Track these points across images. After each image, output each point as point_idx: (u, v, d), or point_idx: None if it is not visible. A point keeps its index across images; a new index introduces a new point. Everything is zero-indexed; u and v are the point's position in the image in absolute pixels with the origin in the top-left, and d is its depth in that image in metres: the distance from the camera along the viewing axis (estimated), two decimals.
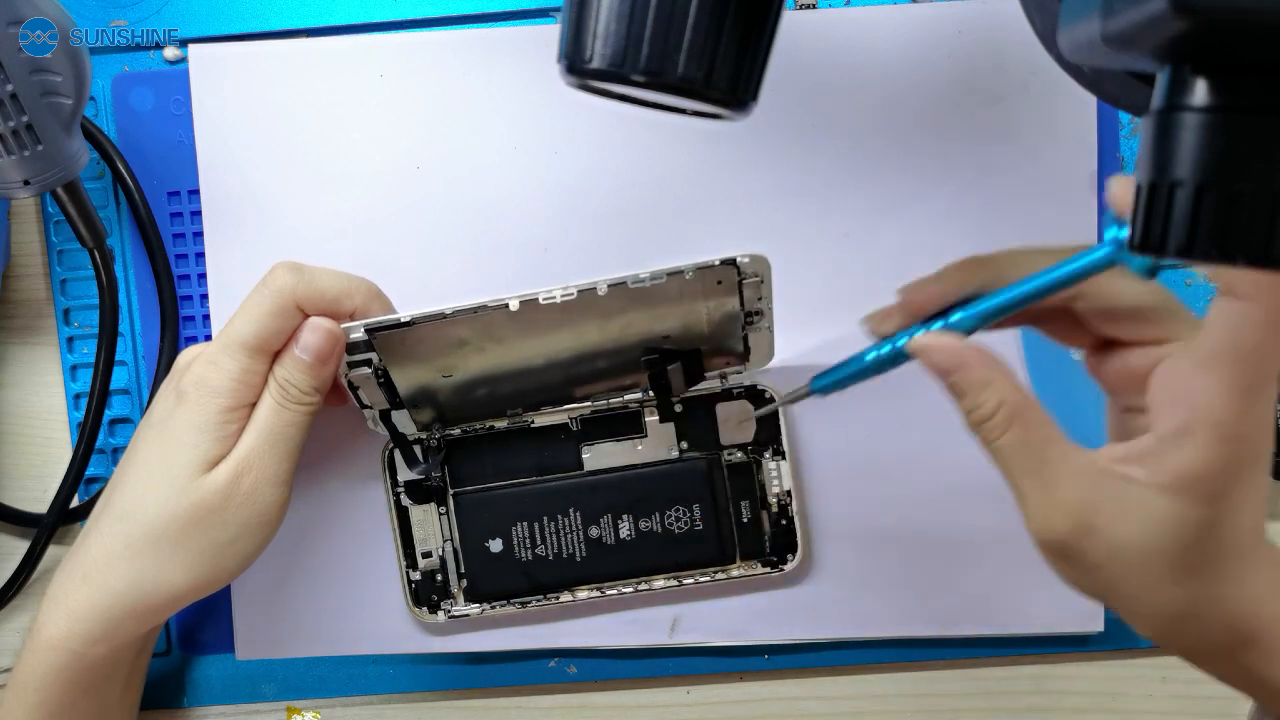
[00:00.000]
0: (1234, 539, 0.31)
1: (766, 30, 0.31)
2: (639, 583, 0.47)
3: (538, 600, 0.47)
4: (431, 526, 0.47)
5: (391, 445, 0.46)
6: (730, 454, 0.46)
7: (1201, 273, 0.47)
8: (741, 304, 0.42)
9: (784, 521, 0.46)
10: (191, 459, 0.39)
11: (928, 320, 0.35)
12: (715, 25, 0.29)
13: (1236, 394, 0.29)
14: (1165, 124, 0.24)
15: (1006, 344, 0.46)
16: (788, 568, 0.47)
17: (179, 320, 0.47)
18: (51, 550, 0.48)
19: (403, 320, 0.40)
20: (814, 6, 0.46)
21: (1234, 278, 0.30)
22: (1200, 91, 0.23)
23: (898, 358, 0.35)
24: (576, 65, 0.30)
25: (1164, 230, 0.24)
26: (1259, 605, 0.31)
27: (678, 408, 0.46)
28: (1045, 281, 0.33)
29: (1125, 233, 0.29)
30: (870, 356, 0.36)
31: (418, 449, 0.46)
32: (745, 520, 0.47)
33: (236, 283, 0.46)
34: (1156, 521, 0.30)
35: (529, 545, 0.46)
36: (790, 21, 0.45)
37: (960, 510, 0.47)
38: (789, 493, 0.46)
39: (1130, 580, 0.31)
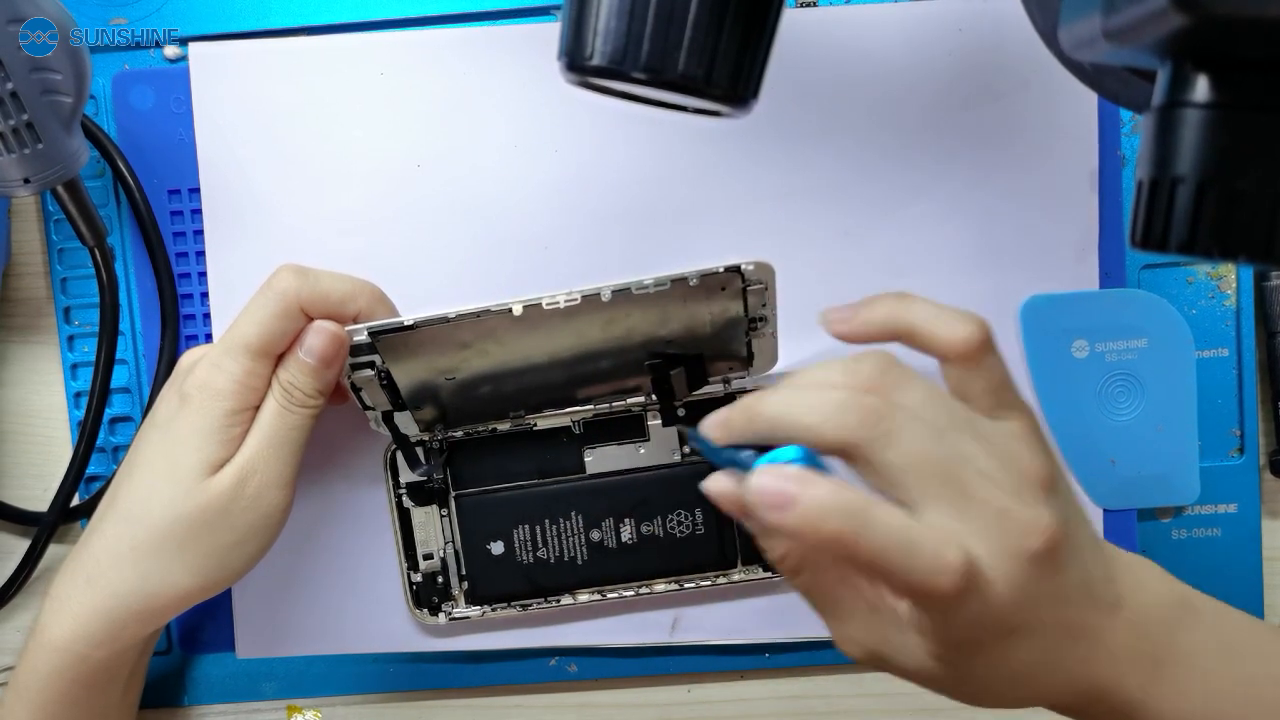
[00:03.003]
0: (1015, 665, 0.33)
1: (767, 28, 0.31)
2: (640, 586, 0.47)
3: (539, 603, 0.47)
4: (433, 528, 0.47)
5: (394, 447, 0.46)
6: None
7: (1203, 270, 0.47)
8: (745, 310, 0.42)
9: None
10: (196, 462, 0.39)
11: (738, 446, 0.34)
12: (716, 23, 0.29)
13: (941, 625, 0.32)
14: (1166, 120, 0.24)
15: (1007, 341, 0.46)
16: None
17: (179, 319, 0.47)
18: (52, 549, 0.48)
19: (406, 323, 0.40)
20: (814, 4, 0.46)
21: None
22: (1201, 88, 0.23)
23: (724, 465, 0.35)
24: (577, 63, 0.30)
25: (1165, 227, 0.24)
26: (1099, 678, 0.33)
27: (680, 412, 0.46)
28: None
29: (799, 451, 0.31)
30: (705, 450, 0.36)
31: (420, 451, 0.46)
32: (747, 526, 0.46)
33: (237, 281, 0.46)
34: (929, 666, 0.33)
35: (530, 548, 0.46)
36: (790, 19, 0.45)
37: None
38: None
39: (934, 689, 0.34)
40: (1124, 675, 0.34)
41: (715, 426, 0.35)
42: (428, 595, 0.47)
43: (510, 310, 0.40)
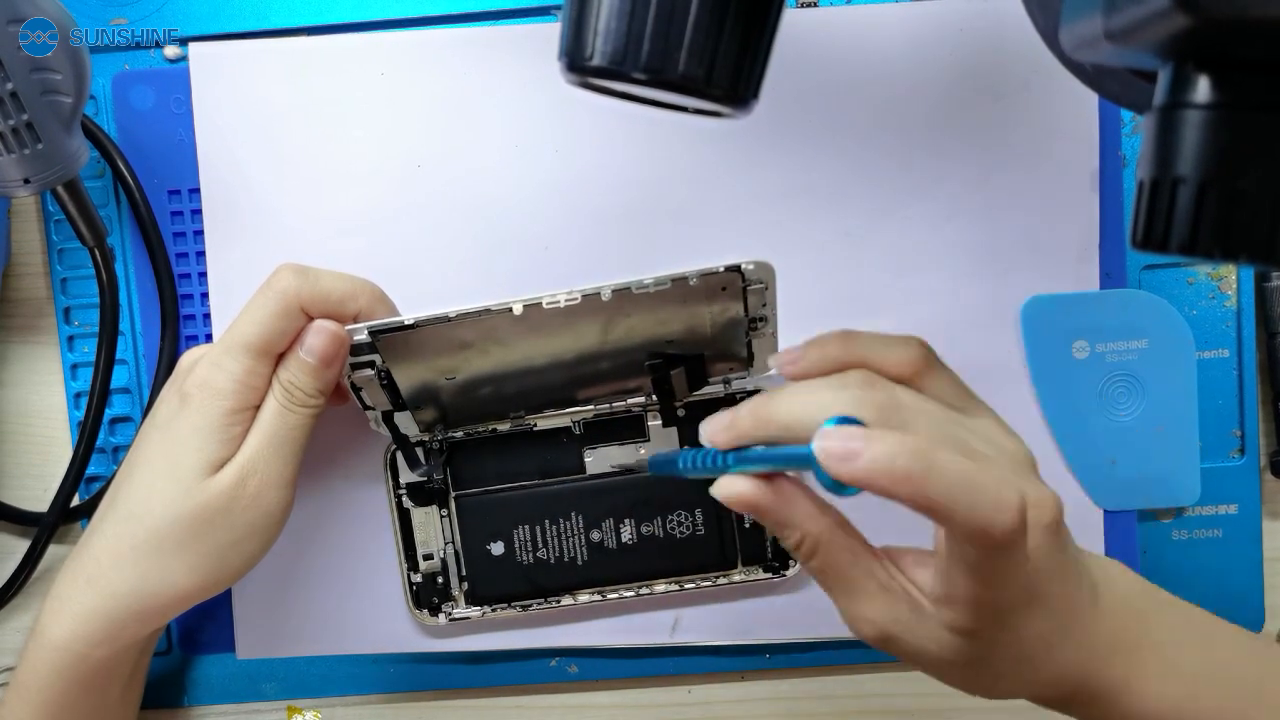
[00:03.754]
0: (1029, 640, 0.34)
1: (768, 28, 0.31)
2: (640, 587, 0.47)
3: (539, 603, 0.47)
4: (433, 529, 0.47)
5: (394, 447, 0.46)
6: None
7: (1204, 271, 0.47)
8: (746, 310, 0.42)
9: None
10: (196, 461, 0.39)
11: (742, 448, 0.35)
12: (716, 23, 0.29)
13: (982, 582, 0.33)
14: (1168, 121, 0.24)
15: (1007, 341, 0.46)
16: (789, 573, 0.46)
17: (179, 319, 0.47)
18: (52, 549, 0.48)
19: (406, 323, 0.40)
20: (815, 4, 0.46)
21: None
22: (1203, 88, 0.23)
23: (719, 472, 0.35)
24: (577, 63, 0.30)
25: (1166, 227, 0.24)
26: (1085, 666, 0.35)
27: (681, 412, 0.46)
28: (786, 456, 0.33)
29: (812, 448, 0.31)
30: (697, 461, 0.36)
31: (420, 451, 0.46)
32: (747, 525, 0.46)
33: (237, 281, 0.46)
34: (941, 644, 0.34)
35: (530, 548, 0.46)
36: (791, 19, 0.45)
37: None
38: None
39: (937, 673, 0.36)
40: (1104, 663, 0.35)
41: (721, 430, 0.35)
42: (428, 596, 0.47)
43: (510, 309, 0.40)
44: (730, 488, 0.34)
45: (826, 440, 0.31)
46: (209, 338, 0.47)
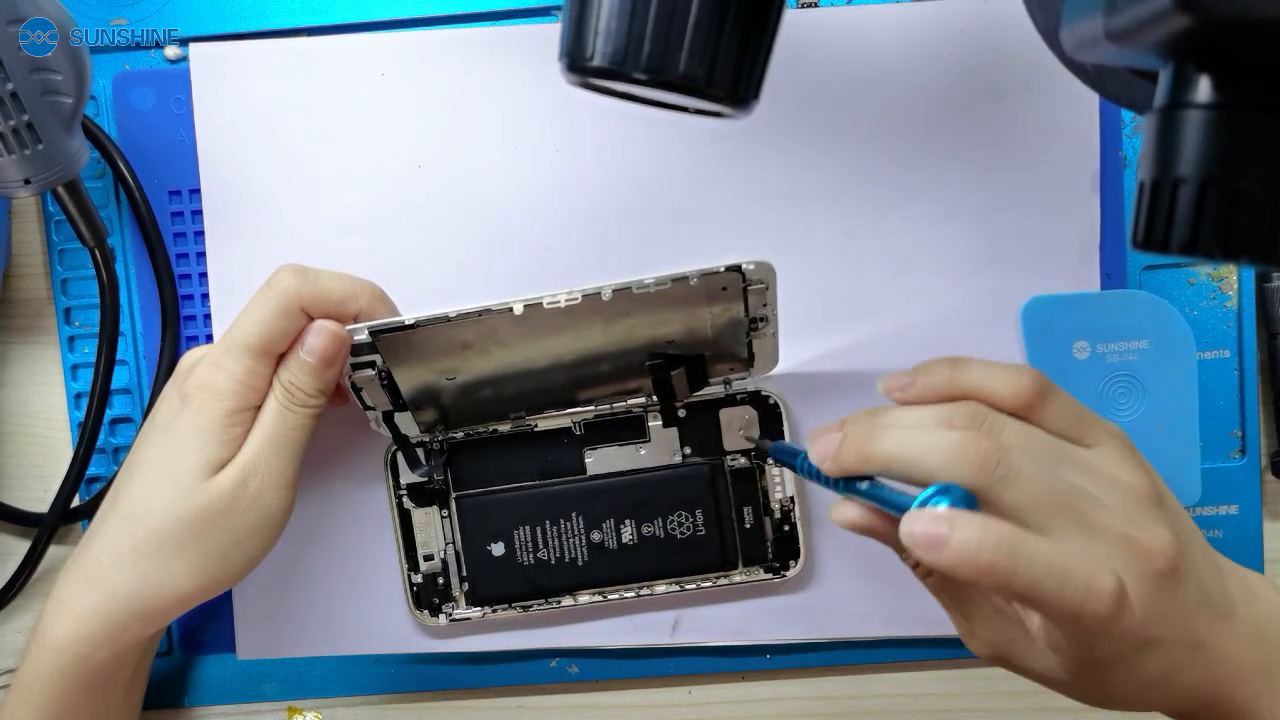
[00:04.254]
0: (1142, 677, 0.33)
1: (768, 28, 0.31)
2: (641, 587, 0.47)
3: (539, 604, 0.47)
4: (433, 529, 0.47)
5: (394, 447, 0.46)
6: (733, 459, 0.46)
7: (1204, 271, 0.47)
8: (746, 310, 0.42)
9: (786, 528, 0.46)
10: (197, 462, 0.39)
11: (856, 478, 0.35)
12: (717, 23, 0.29)
13: (1080, 644, 0.33)
14: (1168, 121, 0.24)
15: (1007, 341, 0.46)
16: (790, 574, 0.46)
17: (180, 319, 0.47)
18: (53, 550, 0.48)
19: (406, 323, 0.40)
20: (815, 5, 0.46)
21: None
22: (1203, 89, 0.23)
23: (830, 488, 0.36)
24: (578, 63, 0.30)
25: (1167, 228, 0.24)
26: (1215, 688, 0.34)
27: (681, 413, 0.46)
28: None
29: (946, 499, 0.31)
30: (812, 471, 0.36)
31: (420, 452, 0.46)
32: (748, 526, 0.46)
33: (237, 282, 0.46)
34: (1052, 669, 0.34)
35: (531, 549, 0.46)
36: (791, 20, 0.45)
37: None
38: (792, 499, 0.46)
39: (1063, 692, 0.35)
40: (1238, 684, 0.34)
41: (825, 459, 0.35)
42: (428, 596, 0.47)
43: (511, 309, 0.40)
44: (841, 515, 0.35)
45: (913, 525, 0.31)
46: (209, 338, 0.47)
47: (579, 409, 0.46)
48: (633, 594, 0.47)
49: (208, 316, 0.47)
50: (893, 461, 0.33)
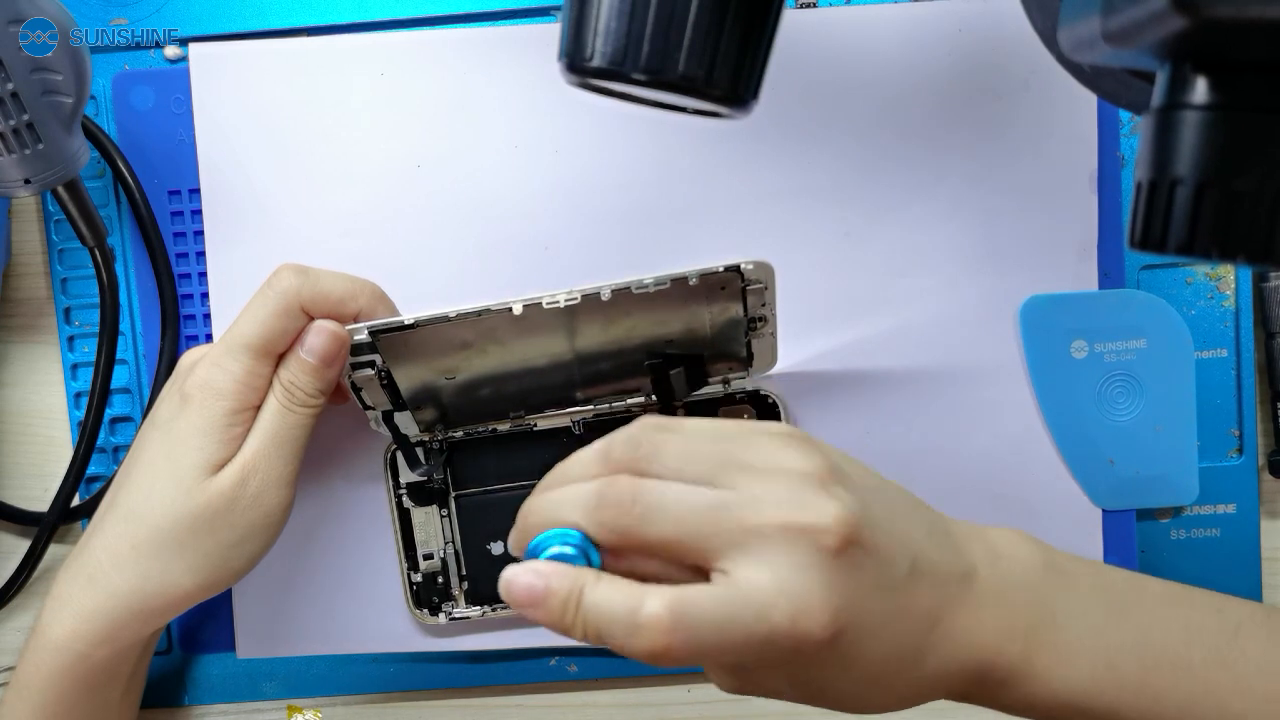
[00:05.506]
0: (873, 667, 0.32)
1: (767, 29, 0.31)
2: None
3: None
4: (433, 528, 0.47)
5: (394, 447, 0.46)
6: None
7: (1202, 271, 0.47)
8: (745, 310, 0.42)
9: None
10: (197, 461, 0.39)
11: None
12: (716, 24, 0.29)
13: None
14: (1165, 122, 0.24)
15: (1007, 341, 0.46)
16: None
17: (179, 319, 0.47)
18: (53, 549, 0.48)
19: (406, 323, 0.40)
20: (814, 5, 0.46)
21: None
22: (1200, 89, 0.23)
23: None
24: (577, 64, 0.30)
25: (1164, 228, 0.24)
26: (971, 661, 0.33)
27: (680, 412, 0.46)
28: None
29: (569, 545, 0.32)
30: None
31: (420, 451, 0.46)
32: None
33: (237, 282, 0.46)
34: (789, 690, 0.33)
35: None
36: (790, 20, 0.45)
37: (960, 510, 0.46)
38: None
39: (817, 705, 0.34)
40: (1001, 648, 0.33)
41: (513, 545, 0.35)
42: (428, 595, 0.47)
43: (510, 309, 0.40)
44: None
45: (509, 585, 0.32)
46: (209, 338, 0.47)
47: (578, 408, 0.46)
48: None
49: (208, 316, 0.47)
50: (543, 526, 0.33)
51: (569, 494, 0.33)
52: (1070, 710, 0.34)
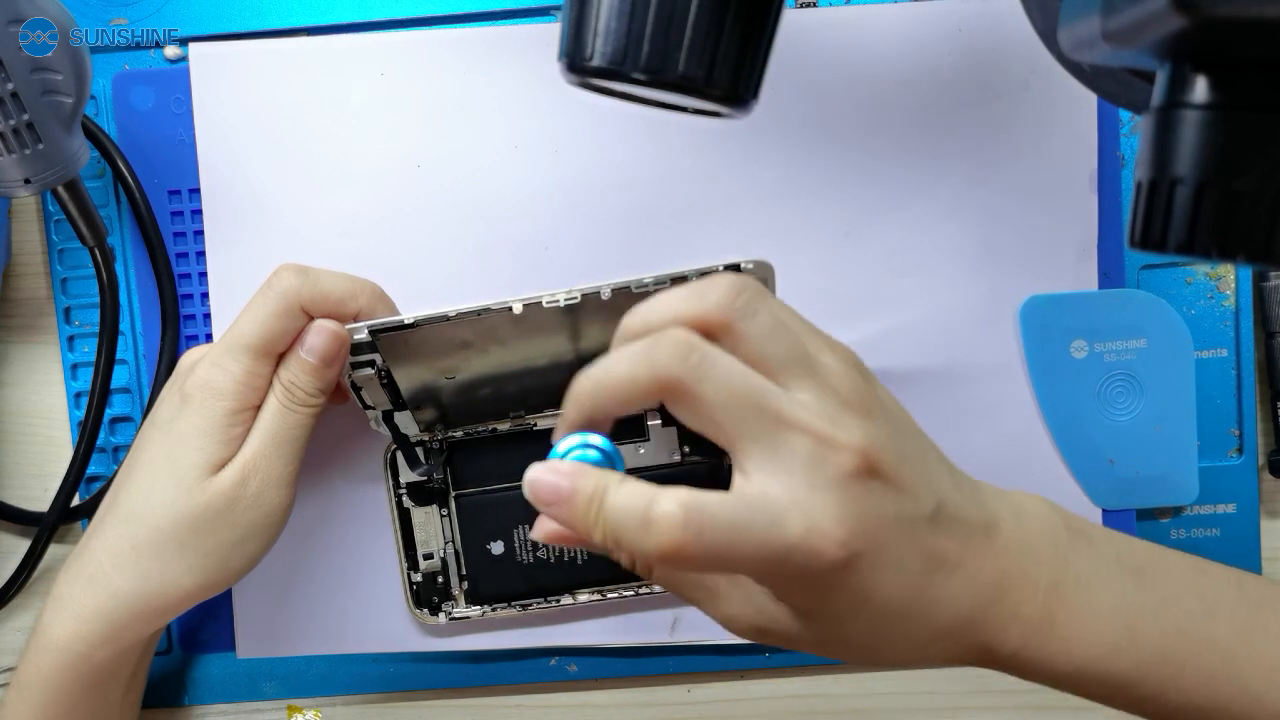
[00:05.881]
0: (881, 592, 0.31)
1: (767, 28, 0.31)
2: (639, 586, 0.47)
3: (539, 603, 0.47)
4: (433, 528, 0.47)
5: (394, 446, 0.46)
6: None
7: (1202, 271, 0.47)
8: None
9: None
10: (197, 461, 0.39)
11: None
12: (716, 23, 0.29)
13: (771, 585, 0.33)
14: (1165, 121, 0.24)
15: (1006, 341, 0.46)
16: None
17: (179, 319, 0.47)
18: (53, 549, 0.48)
19: (406, 322, 0.40)
20: (814, 4, 0.46)
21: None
22: (1200, 89, 0.24)
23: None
24: (577, 63, 0.30)
25: (1164, 227, 0.24)
26: (978, 606, 0.32)
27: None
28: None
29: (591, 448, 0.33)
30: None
31: (420, 450, 0.46)
32: None
33: (237, 281, 0.47)
34: (797, 623, 0.33)
35: (530, 548, 0.46)
36: (790, 20, 0.45)
37: None
38: None
39: (818, 650, 0.34)
40: (1019, 603, 0.33)
41: (555, 431, 0.34)
42: (428, 595, 0.47)
43: (510, 308, 0.40)
44: (540, 530, 0.34)
45: (533, 478, 0.32)
46: (209, 338, 0.47)
47: None
48: (631, 593, 0.47)
49: (208, 316, 0.47)
50: (597, 390, 0.32)
51: (623, 351, 0.32)
52: (1088, 678, 0.33)
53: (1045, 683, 0.34)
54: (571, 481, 0.32)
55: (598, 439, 0.33)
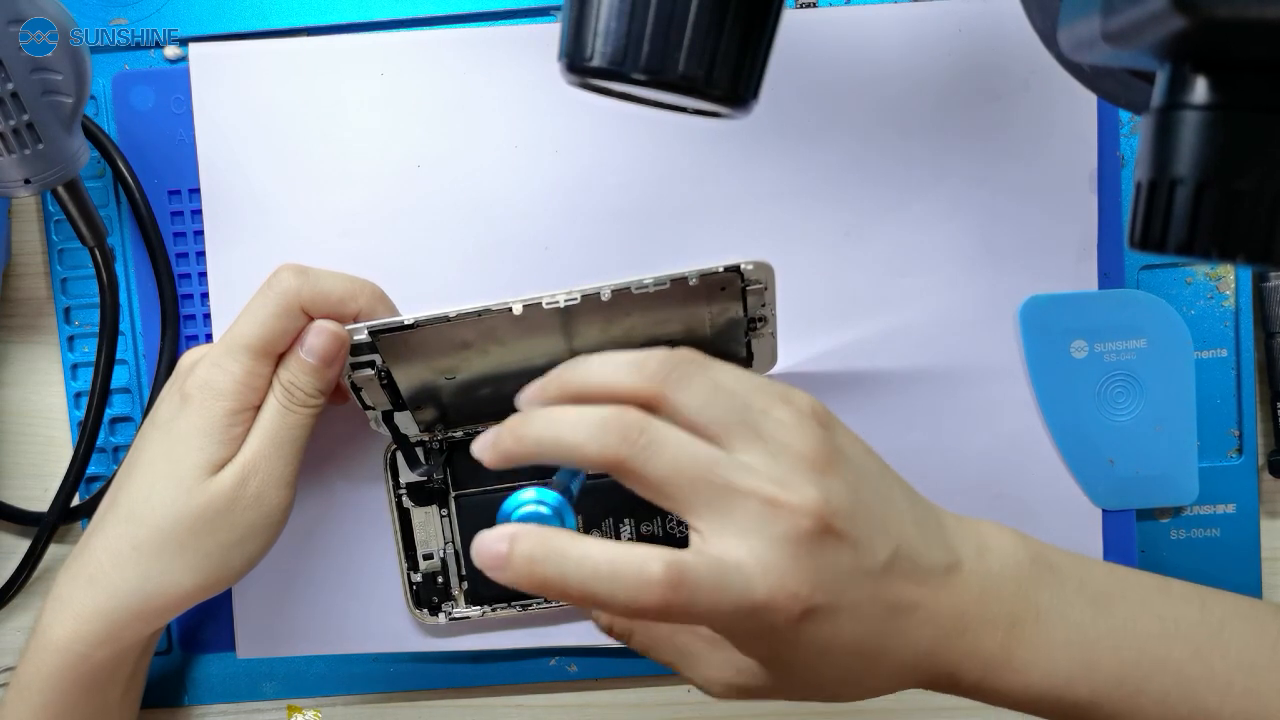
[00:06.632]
0: (843, 641, 0.33)
1: (767, 28, 0.31)
2: None
3: (539, 603, 0.47)
4: (433, 528, 0.47)
5: (394, 447, 0.46)
6: None
7: (1202, 271, 0.47)
8: (745, 310, 0.42)
9: None
10: (197, 461, 0.39)
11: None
12: (716, 23, 0.29)
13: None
14: (1165, 122, 0.24)
15: (1006, 341, 0.46)
16: None
17: (179, 319, 0.47)
18: (53, 549, 0.48)
19: (406, 323, 0.40)
20: (814, 4, 0.46)
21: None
22: (1200, 89, 0.24)
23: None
24: (577, 63, 0.30)
25: (1164, 228, 0.24)
26: (940, 644, 0.34)
27: None
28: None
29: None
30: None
31: (420, 451, 0.46)
32: None
33: (237, 282, 0.47)
34: (768, 677, 0.34)
35: None
36: (790, 20, 0.45)
37: (960, 510, 0.46)
38: None
39: (792, 696, 0.35)
40: (979, 638, 0.34)
41: (485, 449, 0.34)
42: (428, 595, 0.47)
43: (510, 309, 0.40)
44: (487, 549, 0.32)
45: (480, 544, 0.32)
46: (209, 338, 0.47)
47: None
48: None
49: (208, 316, 0.47)
50: (543, 441, 0.33)
51: (577, 415, 0.33)
52: (1046, 706, 0.34)
53: (1008, 708, 0.35)
54: (510, 545, 0.32)
55: (551, 496, 0.33)
